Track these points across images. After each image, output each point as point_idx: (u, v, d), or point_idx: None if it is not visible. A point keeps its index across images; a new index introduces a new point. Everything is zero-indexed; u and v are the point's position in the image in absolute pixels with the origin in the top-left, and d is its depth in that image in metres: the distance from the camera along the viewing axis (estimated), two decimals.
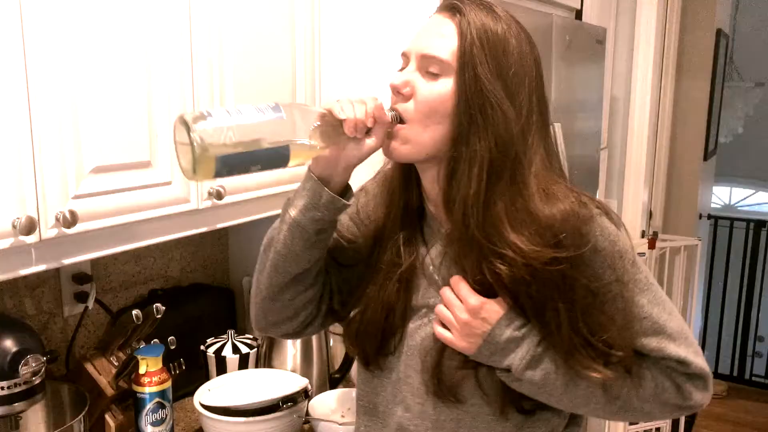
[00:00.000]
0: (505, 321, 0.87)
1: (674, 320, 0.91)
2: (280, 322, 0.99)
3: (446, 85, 0.85)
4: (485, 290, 0.87)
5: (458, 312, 0.87)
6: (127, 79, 1.13)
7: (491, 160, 0.84)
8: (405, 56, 0.90)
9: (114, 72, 1.11)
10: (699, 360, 0.92)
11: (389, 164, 0.99)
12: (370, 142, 0.86)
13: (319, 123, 0.83)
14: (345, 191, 0.91)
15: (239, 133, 0.78)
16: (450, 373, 0.90)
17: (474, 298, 0.87)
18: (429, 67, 0.86)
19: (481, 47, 0.84)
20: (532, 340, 0.87)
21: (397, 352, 0.96)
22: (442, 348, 0.90)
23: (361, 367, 1.02)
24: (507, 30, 0.86)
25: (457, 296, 0.88)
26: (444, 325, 0.90)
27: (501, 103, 0.84)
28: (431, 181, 0.92)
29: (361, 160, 0.88)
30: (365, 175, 1.05)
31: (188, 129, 0.75)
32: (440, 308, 0.90)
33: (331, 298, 1.01)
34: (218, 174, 0.78)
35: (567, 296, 0.84)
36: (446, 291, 0.90)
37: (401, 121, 0.87)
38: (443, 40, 0.86)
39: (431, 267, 0.94)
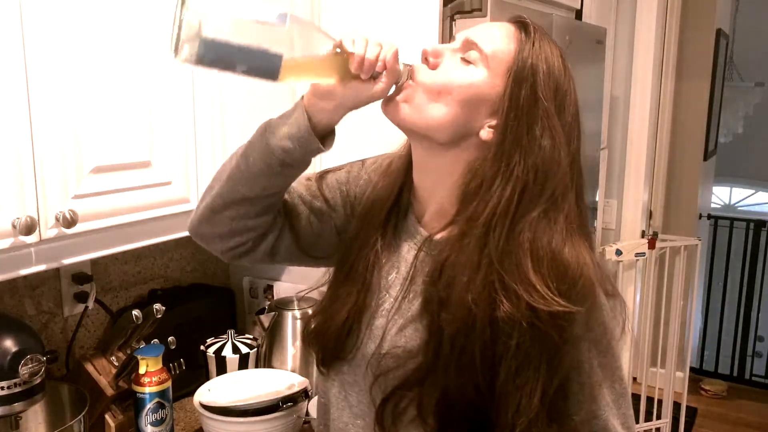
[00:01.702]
0: None
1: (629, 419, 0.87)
2: (211, 237, 0.96)
3: (472, 75, 0.83)
4: (470, 317, 0.80)
5: None
6: (127, 79, 1.13)
7: (526, 185, 0.80)
8: (455, 39, 0.88)
9: (114, 72, 1.11)
10: None
11: (402, 150, 0.95)
12: (373, 87, 0.82)
13: (327, 50, 0.79)
14: (328, 134, 0.87)
15: (234, 23, 0.75)
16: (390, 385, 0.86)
17: None
18: (467, 51, 0.84)
19: (548, 74, 0.83)
20: None
21: (352, 356, 0.92)
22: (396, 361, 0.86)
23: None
24: (570, 81, 0.86)
25: None
26: None
27: (555, 132, 0.81)
28: (424, 172, 0.89)
29: (358, 104, 0.84)
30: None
31: (183, 3, 0.72)
32: None
33: (278, 246, 0.97)
34: (201, 60, 0.74)
35: (553, 361, 0.79)
36: None
37: (412, 77, 0.84)
38: (495, 38, 0.84)
39: (405, 275, 0.90)
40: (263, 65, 0.77)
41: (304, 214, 0.97)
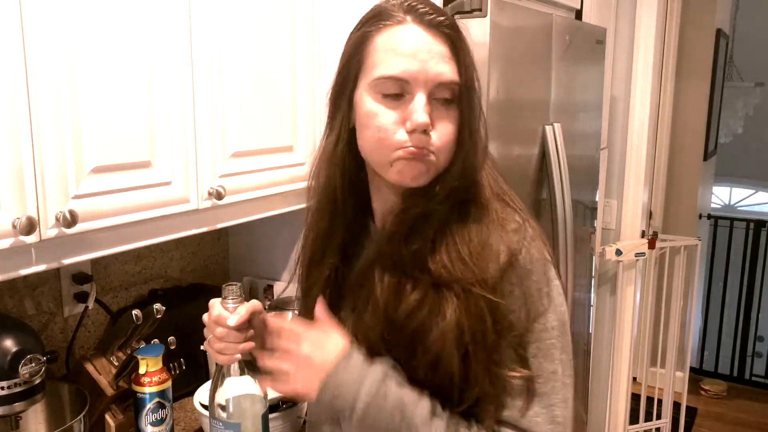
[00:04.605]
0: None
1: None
2: None
3: (456, 110, 0.83)
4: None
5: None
6: (128, 79, 1.13)
7: (457, 188, 0.84)
8: (402, 81, 0.81)
9: (114, 72, 1.11)
10: None
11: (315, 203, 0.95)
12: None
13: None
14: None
15: None
16: None
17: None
18: (441, 93, 0.81)
19: (473, 64, 0.83)
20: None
21: None
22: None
23: None
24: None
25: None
26: None
27: (479, 124, 0.85)
28: (391, 198, 0.89)
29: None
30: None
31: None
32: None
33: None
34: None
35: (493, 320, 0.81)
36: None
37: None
38: (450, 61, 0.81)
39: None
40: None
41: None
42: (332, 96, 0.89)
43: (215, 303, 0.95)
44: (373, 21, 0.84)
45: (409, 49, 0.80)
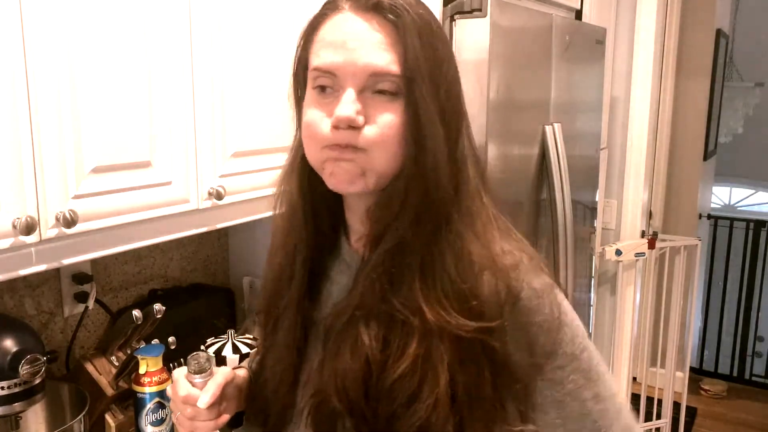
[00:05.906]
0: None
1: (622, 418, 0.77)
2: None
3: (402, 105, 0.71)
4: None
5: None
6: (128, 79, 1.13)
7: (424, 203, 0.72)
8: (329, 73, 0.71)
9: (114, 72, 1.11)
10: None
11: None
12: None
13: None
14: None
15: None
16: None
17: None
18: (381, 85, 0.70)
19: (428, 53, 0.70)
20: None
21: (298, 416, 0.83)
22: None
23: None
24: (438, 25, 0.74)
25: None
26: None
27: (438, 126, 0.71)
28: (363, 218, 0.78)
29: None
30: None
31: None
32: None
33: None
34: None
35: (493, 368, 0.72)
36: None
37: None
38: (388, 49, 0.70)
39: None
40: None
41: None
42: (293, 96, 0.80)
43: (180, 378, 0.83)
44: (321, 11, 0.76)
45: (338, 39, 0.71)
